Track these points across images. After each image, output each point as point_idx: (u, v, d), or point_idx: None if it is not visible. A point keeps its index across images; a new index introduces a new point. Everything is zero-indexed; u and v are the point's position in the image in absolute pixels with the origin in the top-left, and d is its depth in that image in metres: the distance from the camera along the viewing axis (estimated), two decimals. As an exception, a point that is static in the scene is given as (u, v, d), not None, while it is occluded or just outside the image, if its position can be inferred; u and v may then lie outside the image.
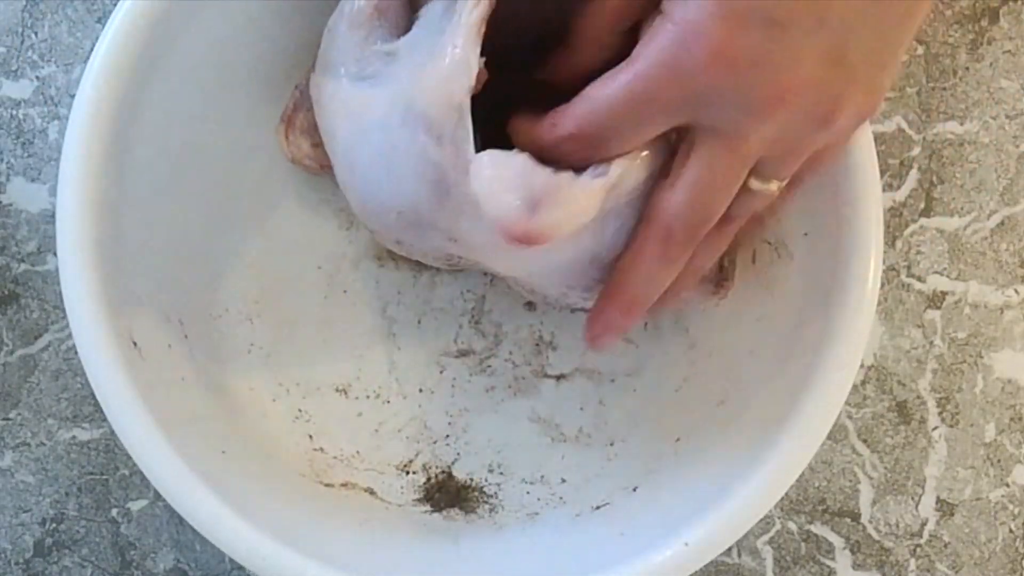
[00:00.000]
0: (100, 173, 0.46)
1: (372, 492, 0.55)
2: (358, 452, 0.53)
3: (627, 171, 0.40)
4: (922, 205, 0.61)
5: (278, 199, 0.58)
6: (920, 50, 0.62)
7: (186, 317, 0.53)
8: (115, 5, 0.48)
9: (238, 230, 0.57)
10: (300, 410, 0.56)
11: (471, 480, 0.56)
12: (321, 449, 0.56)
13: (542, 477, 0.56)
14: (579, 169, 0.40)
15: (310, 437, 0.56)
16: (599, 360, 0.58)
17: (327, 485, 0.54)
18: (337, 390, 0.57)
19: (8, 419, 0.59)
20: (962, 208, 0.61)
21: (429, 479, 0.56)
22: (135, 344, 0.48)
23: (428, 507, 0.55)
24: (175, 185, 0.53)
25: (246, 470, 0.50)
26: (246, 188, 0.58)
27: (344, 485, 0.55)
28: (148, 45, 0.47)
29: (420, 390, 0.57)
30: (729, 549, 0.59)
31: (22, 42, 0.61)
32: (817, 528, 0.60)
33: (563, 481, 0.56)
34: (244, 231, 0.57)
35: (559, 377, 0.58)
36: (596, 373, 0.58)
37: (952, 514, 0.60)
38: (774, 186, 0.42)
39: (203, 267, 0.56)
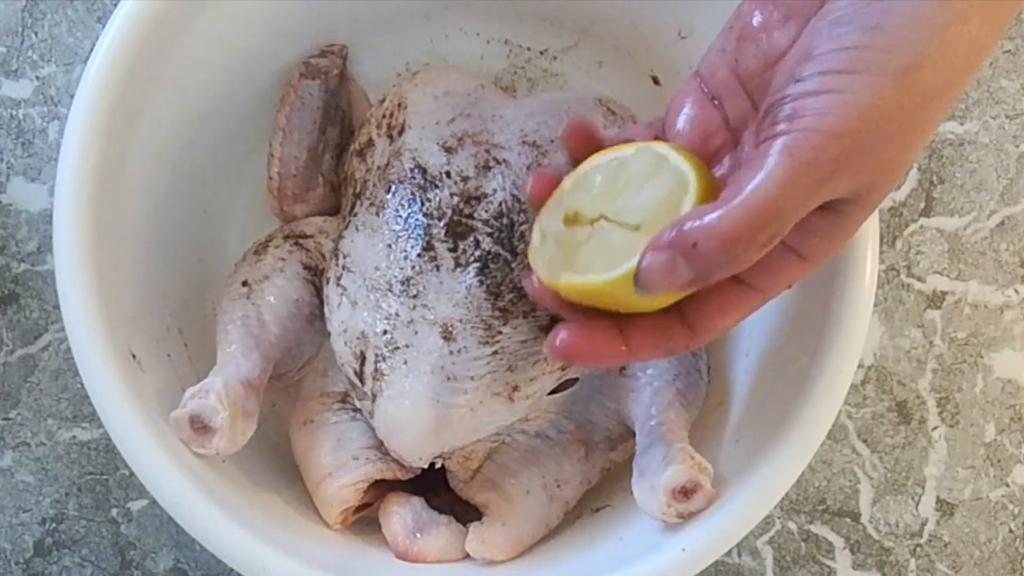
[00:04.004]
0: (96, 178, 0.46)
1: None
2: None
3: None
4: (922, 205, 0.61)
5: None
6: (920, 50, 0.62)
7: (186, 326, 0.53)
8: (115, 5, 0.48)
9: (236, 236, 0.57)
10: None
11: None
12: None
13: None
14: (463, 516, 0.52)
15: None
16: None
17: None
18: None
19: (8, 419, 0.59)
20: (962, 208, 0.61)
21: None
22: (134, 356, 0.47)
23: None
24: (172, 189, 0.53)
25: (248, 478, 0.50)
26: (245, 190, 0.58)
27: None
28: (148, 45, 0.47)
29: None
30: (729, 549, 0.59)
31: (22, 42, 0.61)
32: (817, 528, 0.60)
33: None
34: (243, 236, 0.57)
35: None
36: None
37: (952, 514, 0.60)
38: None
39: (201, 275, 0.56)
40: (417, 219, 0.49)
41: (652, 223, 0.38)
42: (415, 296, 0.48)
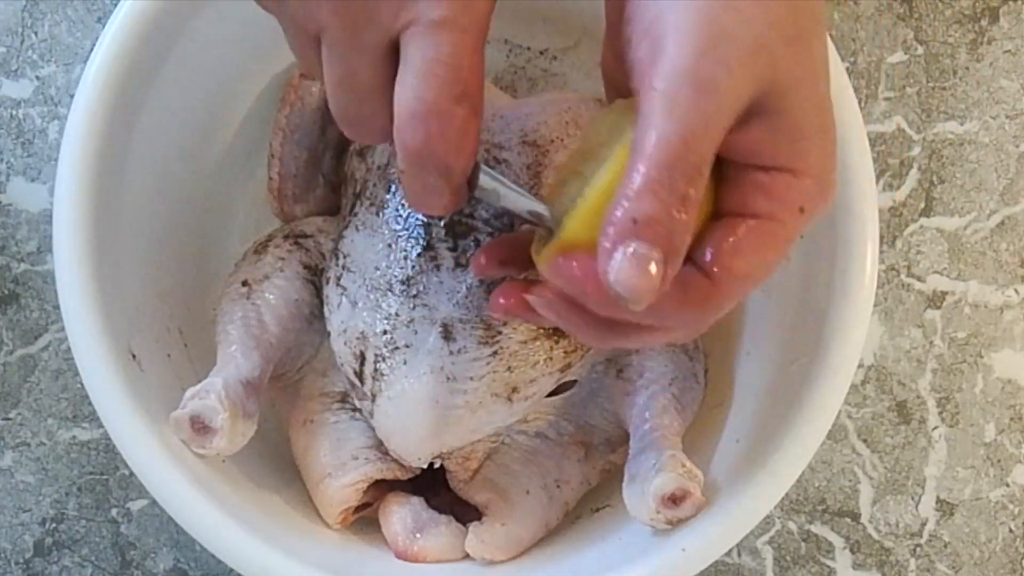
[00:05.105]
0: (96, 178, 0.46)
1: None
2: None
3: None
4: (922, 205, 0.61)
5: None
6: (920, 50, 0.62)
7: (185, 326, 0.54)
8: (115, 5, 0.48)
9: (236, 236, 0.57)
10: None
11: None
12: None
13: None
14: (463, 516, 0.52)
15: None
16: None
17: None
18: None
19: (8, 419, 0.59)
20: (962, 208, 0.61)
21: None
22: (134, 356, 0.47)
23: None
24: (172, 189, 0.53)
25: (248, 478, 0.50)
26: (245, 190, 0.58)
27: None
28: (148, 45, 0.47)
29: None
30: (729, 549, 0.59)
31: (22, 42, 0.61)
32: (817, 528, 0.60)
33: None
34: (243, 236, 0.57)
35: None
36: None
37: (952, 514, 0.60)
38: None
39: (201, 275, 0.56)
40: (417, 218, 0.48)
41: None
42: (415, 296, 0.48)
